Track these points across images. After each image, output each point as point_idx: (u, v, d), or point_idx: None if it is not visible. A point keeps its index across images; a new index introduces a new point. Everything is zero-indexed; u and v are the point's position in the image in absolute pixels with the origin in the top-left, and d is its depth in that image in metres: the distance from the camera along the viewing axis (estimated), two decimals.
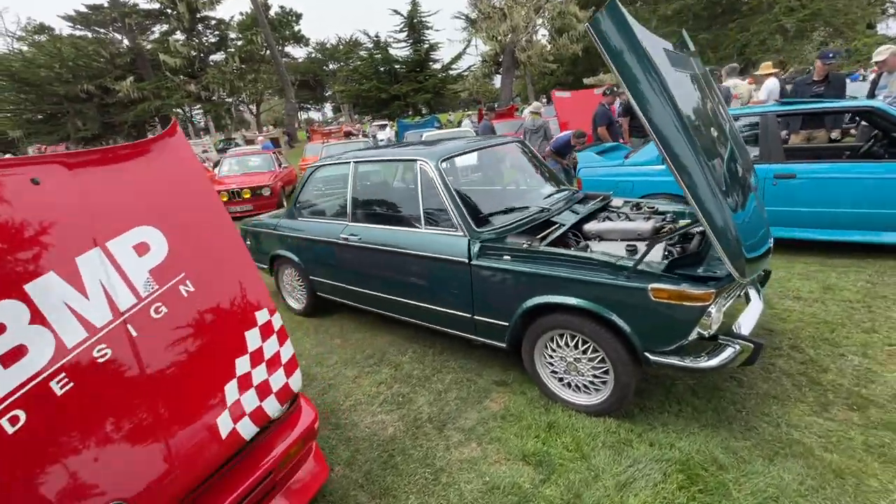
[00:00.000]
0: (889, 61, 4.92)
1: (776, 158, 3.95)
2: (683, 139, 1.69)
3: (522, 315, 2.36)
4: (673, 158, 1.69)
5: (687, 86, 2.04)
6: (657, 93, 1.68)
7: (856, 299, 3.10)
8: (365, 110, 29.42)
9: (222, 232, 1.74)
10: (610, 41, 1.70)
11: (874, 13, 24.37)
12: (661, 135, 1.70)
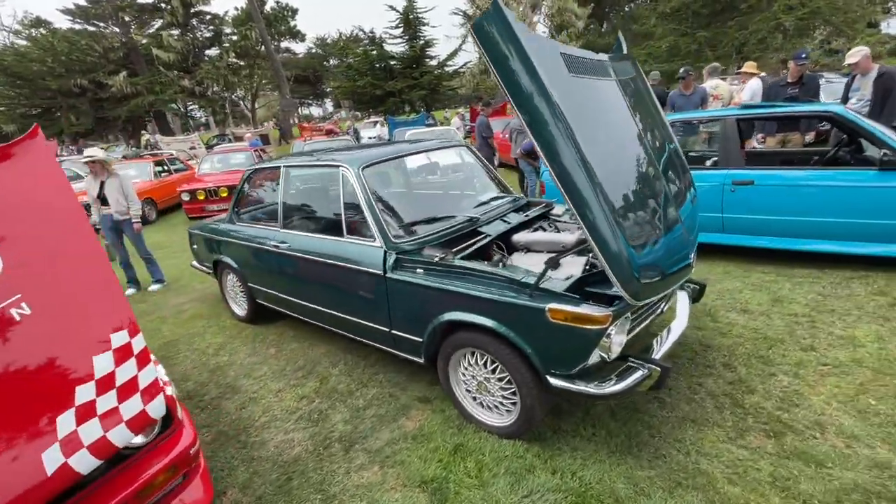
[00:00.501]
0: (861, 63, 4.76)
1: (735, 164, 3.82)
2: (572, 152, 1.58)
3: (434, 331, 2.26)
4: (559, 173, 1.58)
5: (596, 93, 1.92)
6: (542, 102, 1.57)
7: (803, 313, 2.98)
8: (361, 106, 29.28)
9: (79, 247, 1.63)
10: (492, 46, 1.59)
11: (874, 12, 24.01)
12: (546, 147, 1.59)
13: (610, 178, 1.68)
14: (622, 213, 1.66)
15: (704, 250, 4.15)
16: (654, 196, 1.94)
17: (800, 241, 3.66)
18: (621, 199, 1.70)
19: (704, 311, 3.15)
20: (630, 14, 38.84)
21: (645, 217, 1.81)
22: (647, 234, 1.75)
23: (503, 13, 1.55)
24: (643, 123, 2.17)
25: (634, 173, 1.87)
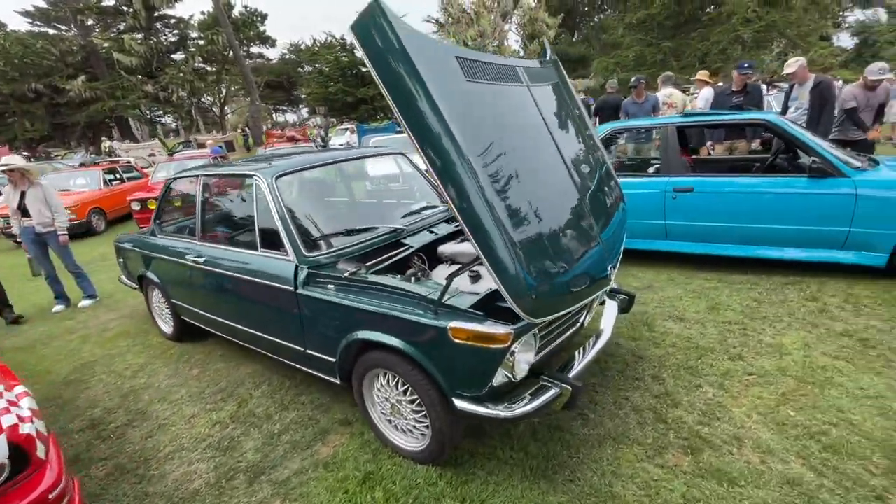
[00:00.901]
0: (798, 73, 4.89)
1: (675, 171, 3.83)
2: (459, 160, 1.48)
3: (346, 351, 2.12)
4: (443, 181, 1.48)
5: (499, 100, 1.83)
6: (426, 109, 1.46)
7: (736, 321, 2.96)
8: (334, 113, 28.96)
9: None
10: (372, 48, 1.48)
11: (826, 25, 25.22)
12: (429, 155, 1.48)
13: (506, 188, 1.59)
14: (518, 226, 1.56)
15: (650, 257, 4.15)
16: (563, 208, 1.86)
17: (738, 247, 3.68)
18: (519, 212, 1.60)
19: (642, 321, 3.10)
20: (599, 24, 39.79)
21: (548, 230, 1.71)
22: (548, 249, 1.66)
23: (385, 12, 1.45)
24: (560, 132, 2.09)
25: (539, 184, 1.78)
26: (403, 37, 1.45)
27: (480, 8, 26.36)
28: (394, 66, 1.46)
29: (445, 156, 1.47)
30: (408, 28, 1.50)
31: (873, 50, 29.76)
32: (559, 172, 1.93)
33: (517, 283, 1.50)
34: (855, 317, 2.86)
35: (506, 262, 1.49)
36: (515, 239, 1.52)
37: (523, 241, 1.55)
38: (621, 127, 4.10)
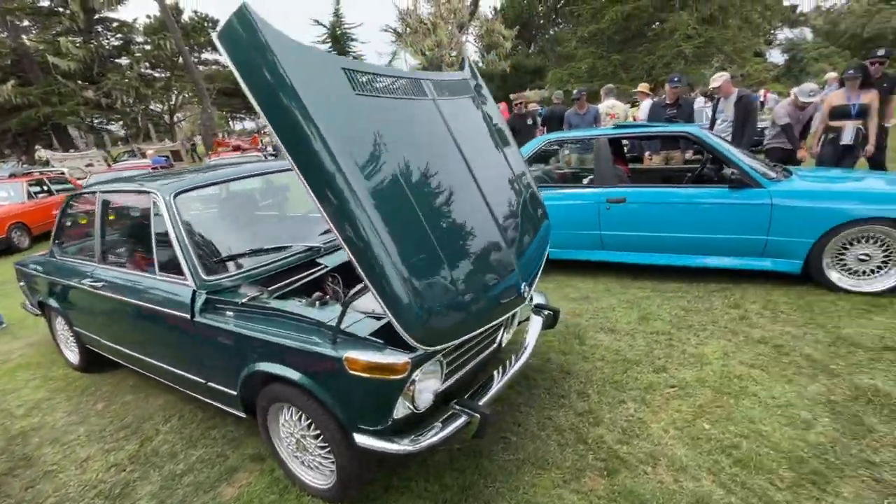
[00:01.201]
0: (723, 87, 5.12)
1: (608, 182, 3.89)
2: (340, 179, 1.37)
3: (246, 383, 1.95)
4: (322, 200, 1.36)
5: (395, 115, 1.74)
6: (301, 123, 1.35)
7: (663, 331, 3.00)
8: None
9: None
10: (241, 58, 1.35)
11: (758, 42, 27.04)
12: (306, 173, 1.37)
13: (397, 208, 1.49)
14: (408, 248, 1.46)
15: (589, 267, 4.19)
16: (467, 227, 1.79)
17: (668, 256, 3.76)
18: (410, 233, 1.51)
19: (575, 333, 3.09)
20: (554, 37, 41.07)
21: (446, 252, 1.62)
22: (444, 272, 1.57)
23: (254, 20, 1.33)
24: (471, 148, 2.02)
25: (439, 203, 1.70)
26: (275, 45, 1.34)
27: (438, 19, 26.65)
28: (267, 79, 1.34)
29: (323, 173, 1.36)
30: (283, 37, 1.39)
31: (801, 65, 32.27)
32: (465, 190, 1.86)
33: (405, 311, 1.40)
34: (772, 323, 2.95)
35: (392, 289, 1.39)
36: (404, 262, 1.42)
37: (413, 265, 1.45)
38: (553, 139, 4.14)
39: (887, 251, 3.11)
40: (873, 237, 3.12)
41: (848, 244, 3.20)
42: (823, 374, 2.38)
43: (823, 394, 2.22)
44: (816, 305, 3.11)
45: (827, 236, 3.19)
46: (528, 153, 4.24)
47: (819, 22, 33.68)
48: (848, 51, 30.21)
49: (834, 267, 3.27)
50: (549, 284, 4.05)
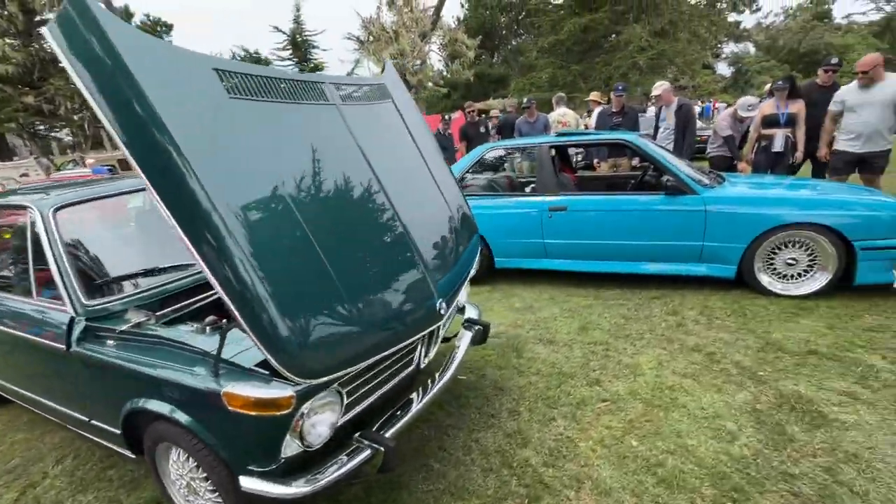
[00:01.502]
0: (663, 96, 5.25)
1: (550, 190, 3.85)
2: (201, 194, 1.20)
3: (129, 421, 1.73)
4: (178, 216, 1.20)
5: (281, 121, 1.59)
6: (152, 131, 1.18)
7: (601, 341, 2.95)
8: None
9: None
10: (80, 54, 1.17)
11: (706, 56, 28.45)
12: (160, 188, 1.20)
13: (274, 224, 1.34)
14: (287, 272, 1.32)
15: (533, 276, 4.14)
16: (369, 242, 1.65)
17: (609, 263, 3.75)
18: (294, 255, 1.36)
19: (514, 346, 2.99)
20: (517, 47, 41.92)
21: (343, 273, 1.48)
22: (338, 295, 1.42)
23: (94, 9, 1.15)
24: (382, 158, 1.90)
25: (334, 217, 1.56)
26: (120, 40, 1.17)
27: (400, 28, 26.66)
28: (112, 82, 1.17)
29: (180, 190, 1.19)
30: (131, 30, 1.22)
31: (745, 77, 34.22)
32: (372, 204, 1.72)
33: (279, 343, 1.25)
34: (707, 329, 2.95)
35: (263, 319, 1.23)
36: (279, 289, 1.27)
37: (293, 291, 1.30)
38: (494, 147, 4.09)
39: (812, 255, 3.19)
40: (799, 242, 3.20)
41: (777, 249, 3.26)
42: (751, 380, 2.37)
43: (750, 402, 2.20)
44: (749, 310, 3.15)
45: (757, 241, 3.24)
46: (471, 161, 4.17)
47: (760, 37, 35.88)
48: (787, 64, 32.22)
49: (765, 271, 3.33)
50: (494, 294, 3.97)
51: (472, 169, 4.17)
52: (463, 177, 4.17)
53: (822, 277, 3.18)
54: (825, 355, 2.52)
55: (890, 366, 2.37)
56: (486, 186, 4.22)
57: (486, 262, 4.11)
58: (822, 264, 3.18)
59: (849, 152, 4.10)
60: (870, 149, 3.98)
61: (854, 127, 4.03)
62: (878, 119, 3.89)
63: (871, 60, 3.86)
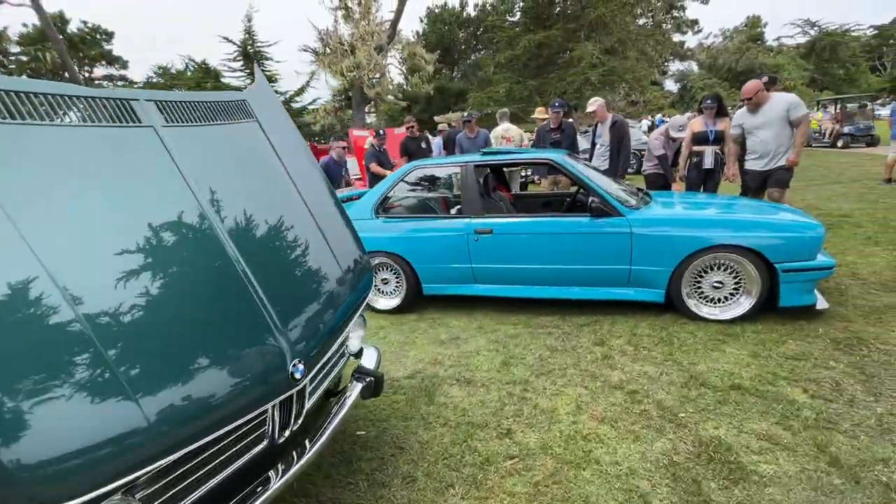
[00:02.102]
0: (598, 112, 5.20)
1: (476, 212, 3.62)
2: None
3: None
4: None
5: (70, 150, 1.24)
6: None
7: (522, 378, 2.70)
8: None
9: None
10: None
11: (653, 73, 29.79)
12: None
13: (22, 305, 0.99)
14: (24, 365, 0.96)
15: (465, 302, 3.88)
16: (190, 304, 1.31)
17: (537, 288, 3.55)
18: (37, 339, 1.01)
19: (427, 389, 2.69)
20: (476, 62, 42.62)
21: (131, 351, 1.13)
22: (119, 385, 1.07)
23: None
24: (227, 193, 1.57)
25: (139, 277, 1.21)
26: None
27: (356, 41, 26.41)
28: None
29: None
30: None
31: (690, 93, 36.13)
32: (194, 248, 1.39)
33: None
34: (633, 361, 2.77)
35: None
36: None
37: (24, 391, 0.94)
38: (418, 166, 3.84)
39: (738, 279, 3.09)
40: (724, 265, 3.09)
41: (704, 272, 3.15)
42: (671, 424, 2.17)
43: (667, 452, 1.99)
44: (677, 337, 3.00)
45: (683, 264, 3.12)
46: (393, 181, 3.89)
47: (703, 56, 38.13)
48: (727, 82, 34.28)
49: (693, 295, 3.21)
50: (421, 324, 3.67)
51: (395, 188, 3.89)
52: (385, 197, 3.88)
53: (746, 301, 3.08)
54: (748, 390, 2.36)
55: (811, 401, 2.24)
56: (412, 207, 3.95)
57: (412, 288, 3.82)
58: (747, 287, 3.08)
59: (756, 171, 4.19)
60: (773, 165, 4.06)
61: (756, 147, 4.14)
62: (774, 137, 3.99)
63: (753, 87, 4.02)
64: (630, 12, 25.56)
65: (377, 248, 3.82)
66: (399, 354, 3.18)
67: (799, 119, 3.86)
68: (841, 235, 4.90)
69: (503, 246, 3.49)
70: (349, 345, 2.12)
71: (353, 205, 4.08)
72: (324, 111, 30.24)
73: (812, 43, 33.81)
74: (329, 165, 6.34)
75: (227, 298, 1.42)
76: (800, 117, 3.86)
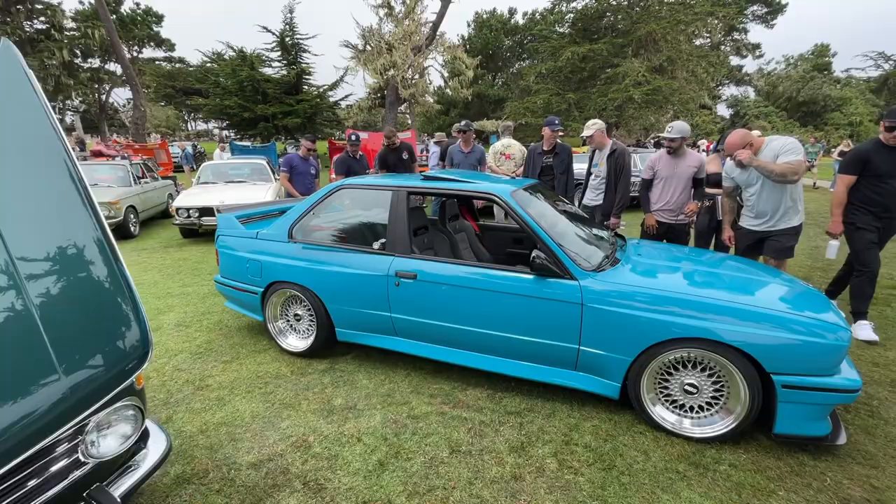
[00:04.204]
0: (595, 138, 4.39)
1: (402, 249, 2.92)
2: None
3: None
4: None
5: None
6: None
7: (385, 498, 1.98)
8: (233, 128, 26.73)
9: None
10: None
11: (702, 96, 28.10)
12: None
13: None
14: None
15: (394, 354, 3.19)
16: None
17: (465, 355, 2.83)
18: None
19: (257, 494, 2.02)
20: (519, 71, 42.09)
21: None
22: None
23: None
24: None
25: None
26: None
27: (395, 40, 26.17)
28: None
29: None
30: None
31: (744, 120, 33.96)
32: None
33: None
34: (547, 491, 2.00)
35: None
36: None
37: None
38: (346, 185, 3.17)
39: (719, 383, 2.26)
40: (701, 363, 2.27)
41: (673, 368, 2.33)
42: None
43: None
44: (621, 457, 2.20)
45: (647, 354, 2.31)
46: (315, 200, 3.25)
47: (761, 83, 35.80)
48: (784, 112, 32.01)
49: (658, 398, 2.39)
50: (324, 379, 3.01)
51: (317, 209, 3.25)
52: (303, 218, 3.24)
53: (724, 421, 2.24)
54: None
55: None
56: (334, 235, 3.29)
57: (325, 331, 3.17)
58: (732, 398, 2.24)
59: (753, 230, 3.44)
60: (772, 227, 3.31)
61: (752, 202, 3.39)
62: (770, 190, 3.24)
63: (739, 140, 3.20)
64: (683, 31, 24.13)
65: (287, 277, 3.19)
66: (268, 424, 2.52)
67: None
68: (889, 317, 3.88)
69: (428, 296, 2.78)
70: (98, 448, 1.48)
71: (272, 222, 3.47)
72: (357, 108, 30.26)
73: (885, 77, 30.98)
74: (292, 162, 5.80)
75: None
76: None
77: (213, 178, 8.49)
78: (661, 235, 4.00)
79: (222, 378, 3.04)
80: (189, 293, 4.91)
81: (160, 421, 2.57)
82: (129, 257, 6.62)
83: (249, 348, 3.48)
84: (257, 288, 3.36)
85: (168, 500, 1.97)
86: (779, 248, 3.29)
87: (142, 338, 1.52)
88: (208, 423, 2.55)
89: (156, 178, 9.82)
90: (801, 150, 3.04)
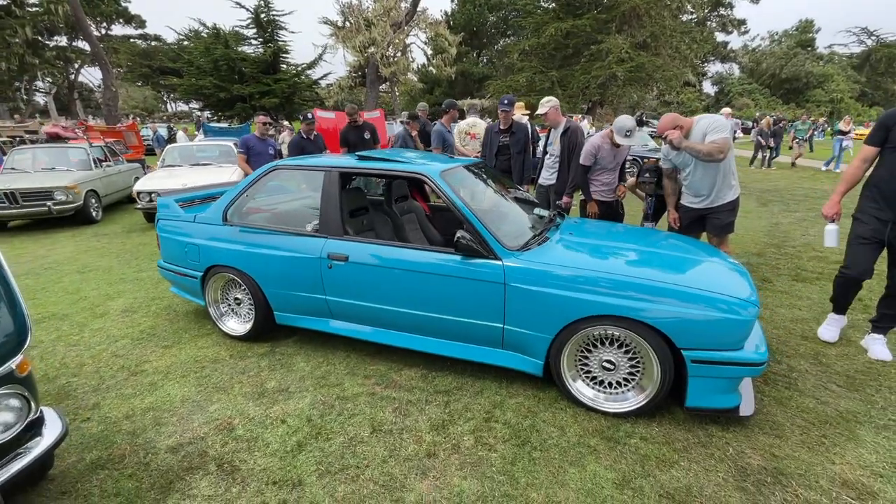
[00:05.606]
0: (550, 115, 4.34)
1: (334, 231, 2.89)
2: None
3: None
4: None
5: None
6: None
7: (298, 477, 2.00)
8: (208, 108, 25.98)
9: None
10: None
11: (686, 73, 27.93)
12: None
13: None
14: None
15: (336, 337, 3.19)
16: None
17: (396, 335, 2.83)
18: None
19: (169, 476, 2.03)
20: (503, 48, 41.25)
21: None
22: None
23: None
24: None
25: None
26: None
27: (374, 16, 25.47)
28: None
29: None
30: None
31: (728, 98, 33.95)
32: None
33: None
34: (458, 467, 2.03)
35: None
36: None
37: None
38: (280, 166, 3.11)
39: (635, 359, 2.30)
40: (619, 339, 2.30)
41: (592, 345, 2.37)
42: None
43: None
44: (538, 432, 2.24)
45: (566, 332, 2.34)
46: (249, 182, 3.18)
47: (745, 59, 35.64)
48: (767, 88, 32.00)
49: (579, 375, 2.43)
50: (262, 362, 3.00)
51: (251, 191, 3.18)
52: (237, 200, 3.18)
53: (635, 398, 2.29)
54: None
55: None
56: (267, 216, 3.24)
57: (263, 315, 3.15)
58: (646, 375, 2.29)
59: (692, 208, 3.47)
60: (710, 204, 3.34)
61: (688, 181, 3.40)
62: (703, 169, 3.24)
63: (669, 122, 3.20)
64: (668, 6, 23.79)
65: (223, 261, 3.14)
66: (196, 407, 2.52)
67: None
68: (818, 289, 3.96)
69: (358, 278, 2.76)
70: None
71: (208, 206, 3.40)
72: (338, 87, 29.58)
73: (867, 54, 31.03)
74: (249, 142, 5.67)
75: None
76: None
77: (179, 161, 8.29)
78: (602, 215, 4.02)
79: (159, 363, 3.02)
80: (143, 278, 4.84)
81: (86, 408, 2.55)
82: (89, 243, 6.48)
83: (192, 333, 3.45)
84: (197, 272, 3.32)
85: (78, 485, 1.97)
86: (718, 226, 3.33)
87: (17, 328, 1.49)
88: (136, 408, 2.54)
89: (120, 162, 9.56)
90: (728, 127, 3.04)
